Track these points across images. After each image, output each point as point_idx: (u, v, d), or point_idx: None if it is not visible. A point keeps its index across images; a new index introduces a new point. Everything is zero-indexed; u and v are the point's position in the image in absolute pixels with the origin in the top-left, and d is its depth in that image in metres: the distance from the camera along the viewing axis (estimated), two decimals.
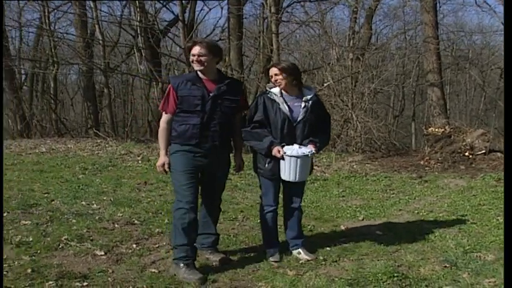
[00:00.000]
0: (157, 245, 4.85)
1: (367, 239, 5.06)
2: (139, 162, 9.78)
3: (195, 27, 15.34)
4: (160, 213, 6.04)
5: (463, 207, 6.46)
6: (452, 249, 4.61)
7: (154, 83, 15.47)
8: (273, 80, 4.42)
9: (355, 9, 15.22)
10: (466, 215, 6.08)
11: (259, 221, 4.82)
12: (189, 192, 4.12)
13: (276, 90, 4.43)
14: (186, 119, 4.16)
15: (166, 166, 4.22)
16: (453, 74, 26.71)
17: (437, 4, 14.35)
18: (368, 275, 4.02)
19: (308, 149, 4.29)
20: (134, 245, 4.81)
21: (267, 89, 4.53)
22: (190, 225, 4.09)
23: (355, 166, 9.89)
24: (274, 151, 4.27)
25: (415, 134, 23.42)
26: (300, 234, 4.68)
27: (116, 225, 5.44)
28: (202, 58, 4.15)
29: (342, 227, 5.73)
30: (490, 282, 3.88)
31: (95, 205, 6.24)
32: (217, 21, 41.70)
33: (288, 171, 4.31)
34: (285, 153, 4.25)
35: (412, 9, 20.84)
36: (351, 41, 14.62)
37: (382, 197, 7.43)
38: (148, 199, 6.74)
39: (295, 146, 4.29)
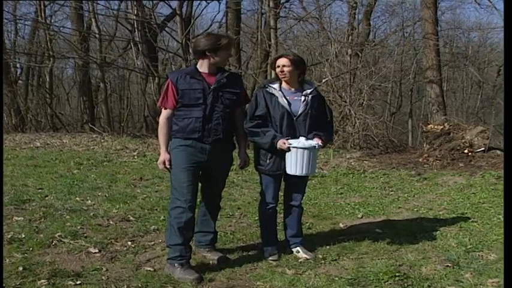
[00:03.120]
0: (152, 243, 4.75)
1: (367, 237, 4.97)
2: (135, 157, 9.68)
3: (192, 21, 15.21)
4: (156, 209, 5.95)
5: (463, 205, 6.38)
6: (454, 248, 4.52)
7: (151, 78, 15.34)
8: (279, 70, 4.30)
9: (354, 5, 15.12)
10: (466, 213, 6.00)
11: (257, 218, 4.72)
12: (187, 191, 4.00)
13: (275, 84, 4.33)
14: (187, 113, 4.05)
15: (167, 163, 4.08)
16: (450, 71, 26.65)
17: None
18: (369, 275, 3.93)
19: (314, 142, 4.17)
20: (129, 243, 4.71)
21: (265, 83, 4.43)
22: (186, 224, 3.98)
23: (353, 163, 9.80)
24: (280, 143, 4.14)
25: (412, 131, 23.37)
26: (299, 233, 4.59)
27: (111, 222, 5.34)
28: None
29: (341, 225, 5.64)
30: (493, 282, 3.79)
31: (89, 201, 6.15)
32: (215, 16, 41.61)
33: (295, 165, 4.15)
34: (290, 144, 4.11)
35: (410, 6, 20.79)
36: (350, 37, 14.51)
37: (381, 194, 7.34)
38: (144, 195, 6.64)
39: (301, 139, 4.16)
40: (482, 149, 9.17)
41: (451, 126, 9.87)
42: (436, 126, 9.97)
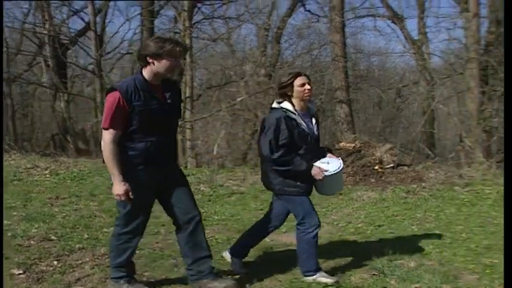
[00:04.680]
0: (80, 261, 4.61)
1: (295, 250, 5.11)
2: (48, 176, 9.28)
3: (109, 38, 14.92)
4: (78, 228, 5.77)
5: (379, 218, 6.72)
6: (377, 258, 4.76)
7: (61, 94, 14.82)
8: (303, 89, 4.08)
9: (267, 27, 15.53)
10: (383, 225, 6.34)
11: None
12: (143, 217, 3.79)
13: (289, 107, 4.11)
14: (143, 135, 3.60)
15: (131, 194, 3.59)
16: (354, 93, 27.92)
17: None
18: (302, 285, 4.07)
19: (338, 160, 4.26)
20: (55, 262, 4.55)
21: (282, 106, 4.14)
22: (135, 248, 3.88)
23: None
24: (316, 172, 4.07)
25: None
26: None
27: (32, 242, 5.12)
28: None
29: (267, 239, 5.70)
30: (416, 287, 4.09)
31: (5, 221, 5.82)
32: (125, 34, 41.11)
33: (330, 186, 4.24)
34: (326, 171, 4.11)
35: (315, 30, 21.67)
36: (263, 58, 14.88)
37: None
38: (63, 214, 6.40)
39: (332, 159, 4.24)
40: (392, 165, 9.71)
41: (362, 144, 10.37)
42: (348, 144, 10.43)
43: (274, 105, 4.19)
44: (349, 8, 16.27)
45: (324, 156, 4.26)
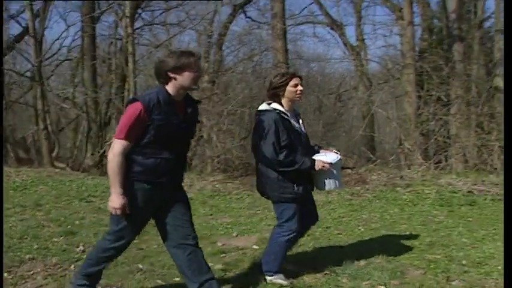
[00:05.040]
0: (31, 272, 4.53)
1: (247, 253, 5.22)
2: None
3: (51, 44, 14.56)
4: (26, 238, 5.65)
5: (326, 220, 6.91)
6: (328, 258, 4.92)
7: None
8: (295, 89, 4.11)
9: (209, 33, 15.61)
10: (331, 226, 6.52)
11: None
12: (135, 235, 3.70)
13: (281, 108, 4.12)
14: (157, 151, 3.49)
15: (127, 209, 3.46)
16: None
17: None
18: (257, 287, 4.16)
19: (333, 152, 4.27)
20: (5, 274, 4.44)
21: (274, 107, 4.14)
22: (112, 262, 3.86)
23: (217, 185, 10.04)
24: (320, 165, 4.08)
25: None
26: None
27: None
28: None
29: (219, 244, 5.80)
30: (366, 284, 4.27)
31: None
32: (64, 41, 40.25)
33: (335, 177, 4.22)
34: (331, 163, 4.12)
35: (256, 36, 21.95)
36: (206, 64, 14.94)
37: (249, 213, 7.64)
38: (9, 224, 6.25)
39: (328, 152, 4.24)
40: None
41: None
42: None
43: (265, 106, 4.17)
44: (289, 15, 16.62)
45: (318, 152, 4.30)
